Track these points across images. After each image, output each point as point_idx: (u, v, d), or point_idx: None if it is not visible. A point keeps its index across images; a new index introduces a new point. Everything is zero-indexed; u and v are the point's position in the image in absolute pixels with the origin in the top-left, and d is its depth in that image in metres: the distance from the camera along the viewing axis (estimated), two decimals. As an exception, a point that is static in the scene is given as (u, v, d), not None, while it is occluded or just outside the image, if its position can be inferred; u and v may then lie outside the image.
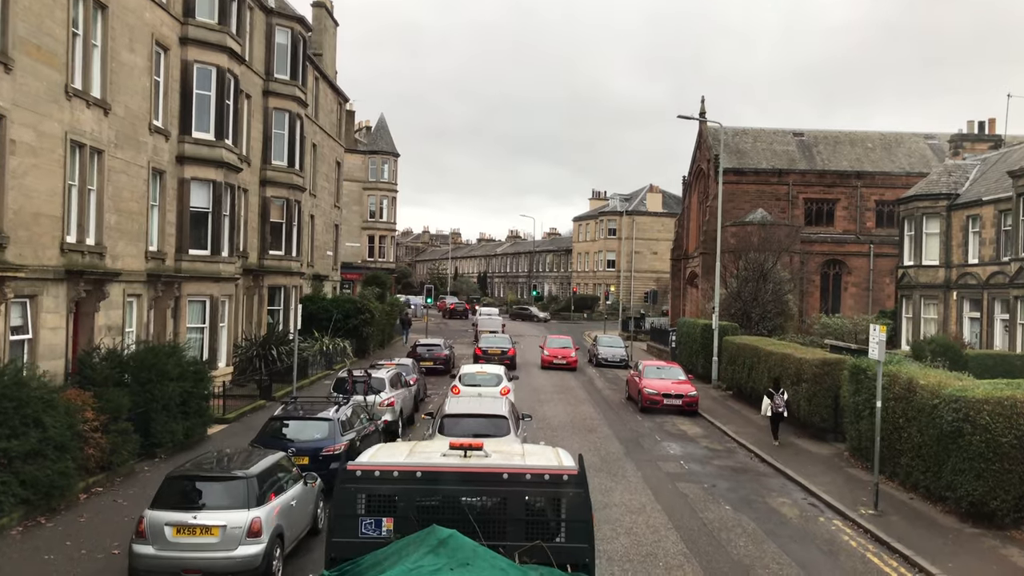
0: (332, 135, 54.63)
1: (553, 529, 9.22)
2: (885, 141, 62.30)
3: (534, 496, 9.26)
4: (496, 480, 9.29)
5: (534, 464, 9.79)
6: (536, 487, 9.26)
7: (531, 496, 9.24)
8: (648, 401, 30.95)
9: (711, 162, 59.99)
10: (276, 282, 40.55)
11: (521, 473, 9.35)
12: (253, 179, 38.66)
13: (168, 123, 29.16)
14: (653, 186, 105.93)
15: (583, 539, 9.17)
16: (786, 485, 20.51)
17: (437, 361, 40.59)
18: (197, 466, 13.09)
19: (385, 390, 23.83)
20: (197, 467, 13.03)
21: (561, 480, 9.30)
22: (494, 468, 9.50)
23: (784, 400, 25.44)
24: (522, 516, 9.17)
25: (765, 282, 45.28)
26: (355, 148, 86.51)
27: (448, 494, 9.24)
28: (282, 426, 17.88)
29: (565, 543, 9.12)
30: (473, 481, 9.31)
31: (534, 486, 9.26)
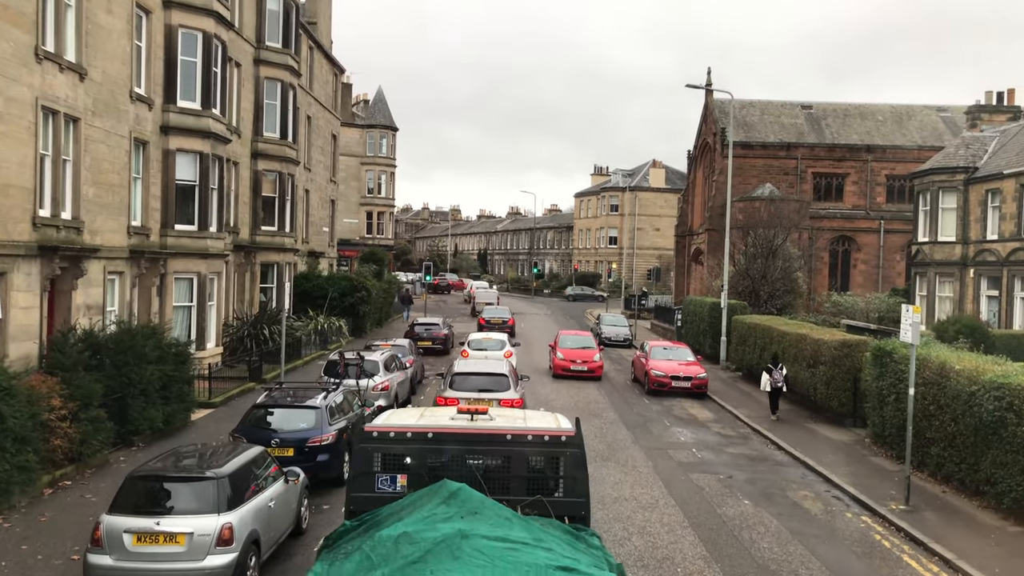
0: (327, 107, 53.04)
1: (552, 485, 9.96)
2: (896, 114, 60.64)
3: (535, 455, 9.99)
4: (500, 441, 10.01)
5: (534, 426, 10.44)
6: (536, 447, 9.99)
7: (532, 455, 9.98)
8: (655, 383, 29.63)
9: (717, 135, 58.38)
10: (269, 259, 39.16)
11: (523, 434, 10.06)
12: (244, 152, 37.18)
13: (151, 91, 27.65)
14: (656, 161, 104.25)
15: (579, 494, 9.87)
16: (806, 476, 19.20)
17: (436, 341, 39.26)
18: (163, 464, 11.70)
19: (379, 374, 22.47)
20: (162, 465, 11.64)
21: (559, 441, 10.02)
22: (498, 430, 10.19)
23: (783, 375, 25.56)
24: (524, 473, 9.90)
25: (774, 259, 43.85)
26: (352, 122, 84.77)
27: (456, 453, 9.91)
28: (265, 414, 16.54)
29: (563, 497, 9.83)
30: (479, 442, 10.04)
31: (535, 446, 9.99)
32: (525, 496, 9.63)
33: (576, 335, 37.47)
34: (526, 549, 7.43)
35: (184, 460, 11.99)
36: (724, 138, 57.00)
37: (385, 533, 7.64)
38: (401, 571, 7.02)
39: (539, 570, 7.09)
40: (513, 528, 7.84)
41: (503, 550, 7.30)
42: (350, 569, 7.42)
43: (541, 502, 9.51)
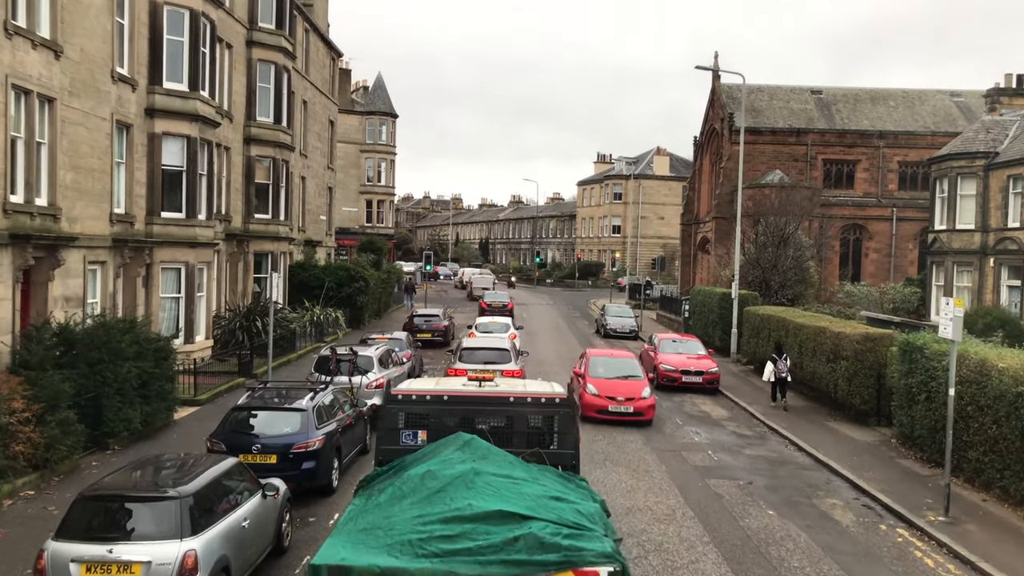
0: (324, 92, 51.57)
1: (547, 439, 11.60)
2: (908, 99, 59.09)
3: (533, 415, 11.66)
4: (504, 402, 11.73)
5: (533, 391, 12.20)
6: (535, 408, 11.68)
7: (531, 415, 11.66)
8: (665, 378, 28.27)
9: (725, 121, 56.90)
10: (263, 248, 37.80)
11: (523, 397, 11.82)
12: (236, 137, 35.80)
13: (135, 71, 26.27)
14: (660, 149, 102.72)
15: (570, 447, 11.59)
16: (832, 481, 17.84)
17: (436, 333, 37.89)
18: (119, 480, 10.31)
19: (373, 370, 21.06)
20: (119, 482, 10.25)
21: (554, 403, 11.72)
22: (502, 394, 11.94)
23: (788, 365, 25.36)
24: (524, 429, 11.59)
25: (785, 248, 42.41)
26: (352, 108, 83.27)
27: (468, 413, 11.57)
28: (247, 417, 15.17)
29: (557, 450, 11.51)
30: (487, 403, 11.72)
31: (533, 407, 11.69)
32: (525, 448, 11.27)
33: (611, 357, 26.29)
34: (525, 484, 9.47)
35: (146, 475, 10.61)
36: (732, 123, 55.54)
37: (412, 472, 9.63)
38: (426, 498, 8.99)
39: (535, 498, 9.08)
40: (515, 469, 9.87)
41: (507, 484, 9.31)
42: (384, 500, 9.32)
43: (538, 453, 11.23)
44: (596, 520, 9.19)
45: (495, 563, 8.08)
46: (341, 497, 15.27)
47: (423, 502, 8.96)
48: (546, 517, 8.70)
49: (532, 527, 8.45)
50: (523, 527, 8.44)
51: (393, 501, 9.19)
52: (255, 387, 16.57)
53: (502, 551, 8.19)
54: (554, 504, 9.11)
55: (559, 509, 9.00)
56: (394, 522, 8.69)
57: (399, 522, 8.67)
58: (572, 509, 9.13)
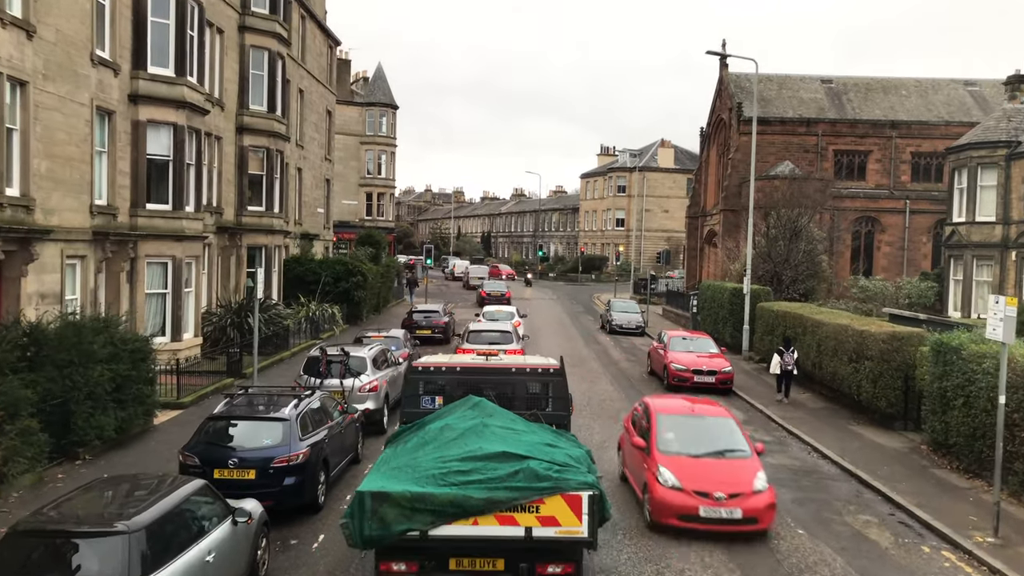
0: (321, 81, 50.14)
1: (543, 403, 13.74)
2: (921, 88, 57.57)
3: (531, 382, 13.85)
4: (508, 372, 14.01)
5: (531, 363, 14.67)
6: (533, 376, 13.92)
7: (529, 382, 13.85)
8: (676, 378, 26.88)
9: (733, 111, 55.40)
10: (256, 241, 36.44)
11: (523, 368, 14.15)
12: (228, 126, 34.42)
13: (117, 55, 24.88)
14: (664, 141, 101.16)
15: (562, 409, 13.75)
16: (862, 493, 16.44)
17: (435, 330, 36.48)
18: (59, 513, 8.82)
19: (367, 372, 19.62)
20: (58, 514, 8.77)
21: (548, 372, 13.95)
22: (506, 365, 14.33)
23: (794, 358, 25.18)
24: (524, 395, 13.74)
25: (797, 241, 40.98)
26: (351, 100, 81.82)
27: (476, 382, 13.71)
28: (225, 427, 13.78)
29: (551, 411, 13.66)
30: (493, 374, 13.99)
31: (531, 376, 13.93)
32: (525, 410, 13.31)
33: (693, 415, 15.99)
34: (525, 434, 11.49)
35: (94, 502, 9.18)
36: (740, 113, 54.08)
37: (432, 426, 11.78)
38: (445, 444, 10.97)
39: (533, 444, 10.99)
40: (516, 424, 11.90)
41: (510, 433, 11.32)
42: (409, 447, 11.35)
43: (536, 415, 13.25)
44: (581, 461, 11.12)
45: (501, 489, 10.10)
46: (329, 515, 13.91)
47: (442, 447, 11.02)
48: (541, 457, 10.64)
49: (530, 464, 10.40)
50: (523, 464, 10.39)
51: (418, 448, 11.26)
52: (234, 394, 15.15)
53: (506, 481, 10.17)
54: (547, 449, 11.10)
55: (551, 452, 10.98)
56: (420, 462, 10.67)
57: (424, 462, 10.64)
58: (562, 453, 11.08)
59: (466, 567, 10.31)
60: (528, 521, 10.08)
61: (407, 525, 9.97)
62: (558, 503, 10.10)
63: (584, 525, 10.12)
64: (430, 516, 9.97)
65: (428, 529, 9.99)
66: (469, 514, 10.01)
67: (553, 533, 10.11)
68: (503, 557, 10.27)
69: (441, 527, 10.01)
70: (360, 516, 10.03)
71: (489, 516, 10.05)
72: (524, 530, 10.09)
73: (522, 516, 10.09)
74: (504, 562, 10.28)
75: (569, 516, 10.10)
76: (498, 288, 57.80)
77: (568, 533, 10.11)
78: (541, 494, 10.10)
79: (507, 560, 10.27)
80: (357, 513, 10.06)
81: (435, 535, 10.03)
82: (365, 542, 10.12)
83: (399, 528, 9.97)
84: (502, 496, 10.04)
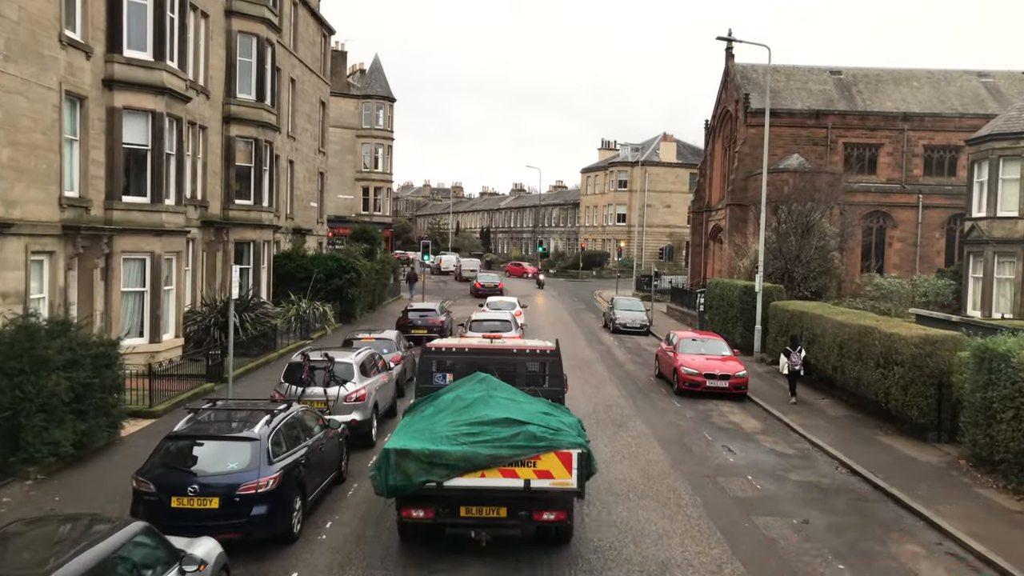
0: (315, 70, 48.42)
1: (541, 380, 16.02)
2: (933, 79, 55.87)
3: (530, 361, 16.35)
4: (509, 353, 16.44)
5: (530, 345, 17.30)
6: (531, 356, 16.44)
7: (528, 361, 16.34)
8: (686, 382, 25.24)
9: (740, 103, 53.72)
10: (244, 236, 34.75)
11: (523, 349, 16.80)
12: (214, 115, 32.73)
13: (89, 36, 23.21)
14: (667, 135, 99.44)
15: (557, 385, 15.99)
16: (903, 517, 14.78)
17: (432, 329, 34.83)
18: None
19: (353, 379, 17.88)
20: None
21: (545, 353, 16.39)
22: (508, 347, 16.88)
23: (802, 357, 24.54)
24: (524, 372, 16.07)
25: (809, 237, 39.34)
26: (347, 92, 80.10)
27: (482, 361, 15.81)
28: (186, 447, 12.11)
29: (548, 387, 15.84)
30: (497, 354, 16.31)
31: (530, 356, 16.47)
32: (525, 386, 14.72)
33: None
34: (525, 404, 13.16)
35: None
36: (748, 105, 52.40)
37: (444, 398, 13.53)
38: (456, 412, 12.70)
39: (531, 412, 12.61)
40: (517, 396, 13.64)
41: (512, 403, 13.02)
42: (426, 415, 13.07)
43: (534, 390, 14.87)
44: (573, 427, 12.58)
45: (504, 447, 11.58)
46: (306, 547, 12.26)
47: (454, 414, 12.48)
48: (538, 423, 12.05)
49: (528, 427, 11.84)
50: (522, 428, 11.83)
51: (433, 415, 12.75)
52: (199, 408, 13.45)
53: (508, 441, 11.66)
54: (544, 416, 12.50)
55: (547, 419, 12.38)
56: (435, 426, 12.16)
57: (439, 426, 12.11)
58: (556, 420, 12.59)
59: (474, 514, 11.89)
60: (527, 474, 11.65)
61: (425, 477, 11.49)
62: (552, 459, 11.68)
63: (574, 478, 11.70)
64: (444, 470, 11.51)
65: (443, 480, 11.53)
66: (477, 468, 11.56)
67: (548, 485, 11.69)
68: (505, 505, 11.88)
69: (454, 479, 11.56)
70: (386, 469, 11.57)
71: (494, 470, 11.60)
72: (523, 482, 11.66)
73: (522, 470, 11.64)
74: (506, 510, 11.89)
75: (561, 470, 11.67)
76: (491, 280, 63.35)
77: (560, 485, 11.71)
78: (538, 451, 11.65)
79: (509, 508, 11.88)
80: (383, 467, 11.64)
81: (449, 486, 11.58)
82: (390, 491, 11.68)
83: (419, 479, 11.50)
84: (505, 453, 11.61)
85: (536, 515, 11.91)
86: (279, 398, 17.05)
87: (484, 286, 60.28)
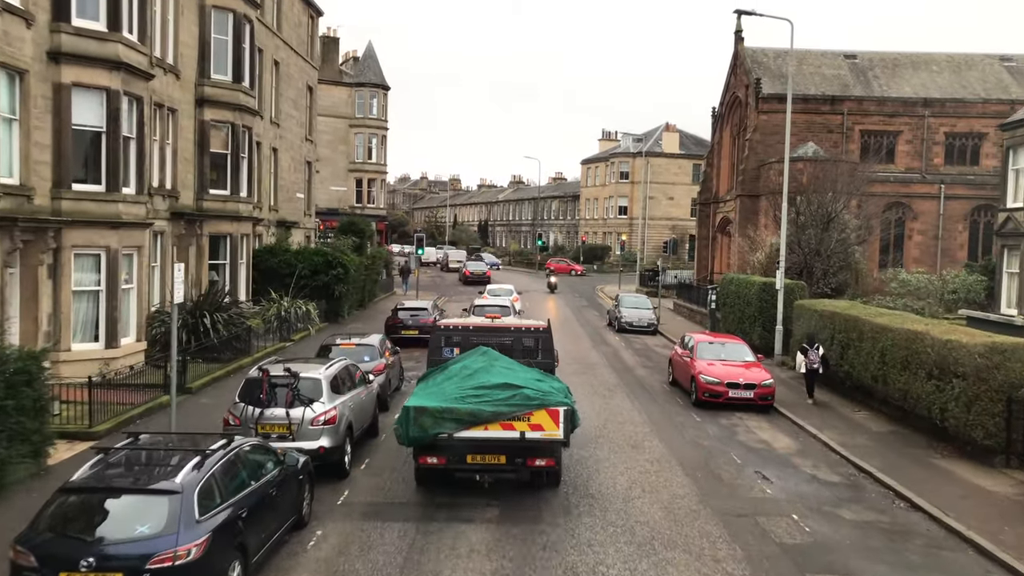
0: (301, 53, 45.55)
1: (535, 353, 17.68)
2: (953, 64, 53.05)
3: (526, 337, 18.00)
4: (508, 331, 18.27)
5: (525, 323, 19.45)
6: (527, 333, 18.14)
7: (524, 337, 18.00)
8: (706, 392, 22.50)
9: (751, 88, 50.90)
10: (220, 229, 32.01)
11: (520, 327, 18.61)
12: (185, 96, 29.96)
13: (31, 2, 20.43)
14: (669, 124, 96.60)
15: (549, 359, 17.71)
16: (992, 572, 12.05)
17: (424, 330, 32.07)
18: None
19: (322, 398, 15.03)
20: None
21: (539, 330, 18.19)
22: (507, 325, 18.99)
23: (819, 355, 23.36)
24: (520, 347, 17.69)
25: (829, 230, 36.61)
26: (340, 80, 77.25)
27: (485, 337, 17.63)
28: (85, 503, 9.34)
29: (541, 360, 17.46)
30: (497, 332, 18.21)
31: (526, 333, 18.15)
32: (521, 359, 16.87)
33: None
34: (521, 371, 15.31)
35: None
36: (759, 90, 49.61)
37: (452, 367, 15.69)
38: (463, 378, 14.74)
39: (526, 379, 14.65)
40: (514, 366, 15.69)
41: (510, 372, 15.01)
42: (438, 381, 15.19)
43: (529, 362, 16.89)
44: (560, 391, 14.85)
45: (503, 406, 13.84)
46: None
47: (461, 380, 14.75)
48: (531, 387, 14.34)
49: (523, 390, 14.14)
50: (519, 390, 14.12)
51: (443, 381, 15.06)
52: (109, 448, 10.60)
53: (506, 401, 13.93)
54: (536, 382, 14.78)
55: (539, 384, 14.66)
56: (446, 390, 14.50)
57: (448, 390, 14.45)
58: (547, 385, 14.84)
59: (478, 461, 13.94)
60: (522, 427, 13.69)
61: (439, 429, 13.56)
62: (543, 415, 13.74)
63: (560, 430, 13.79)
64: (454, 424, 13.59)
65: (453, 432, 13.60)
66: (481, 422, 13.64)
67: (539, 436, 13.74)
68: (504, 453, 13.90)
69: (462, 431, 13.63)
70: (407, 424, 13.66)
71: (495, 424, 13.67)
72: (519, 434, 13.71)
73: (518, 424, 13.69)
74: (505, 457, 13.93)
75: (551, 424, 13.73)
76: (479, 268, 69.49)
77: (550, 436, 13.78)
78: (531, 409, 13.74)
79: (507, 455, 13.92)
80: (404, 421, 13.72)
81: (458, 436, 13.63)
82: (410, 441, 13.79)
83: (433, 431, 13.57)
84: (504, 410, 13.70)
85: (530, 461, 14.05)
86: (233, 423, 14.28)
87: (473, 272, 67.82)
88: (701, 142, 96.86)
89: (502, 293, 41.16)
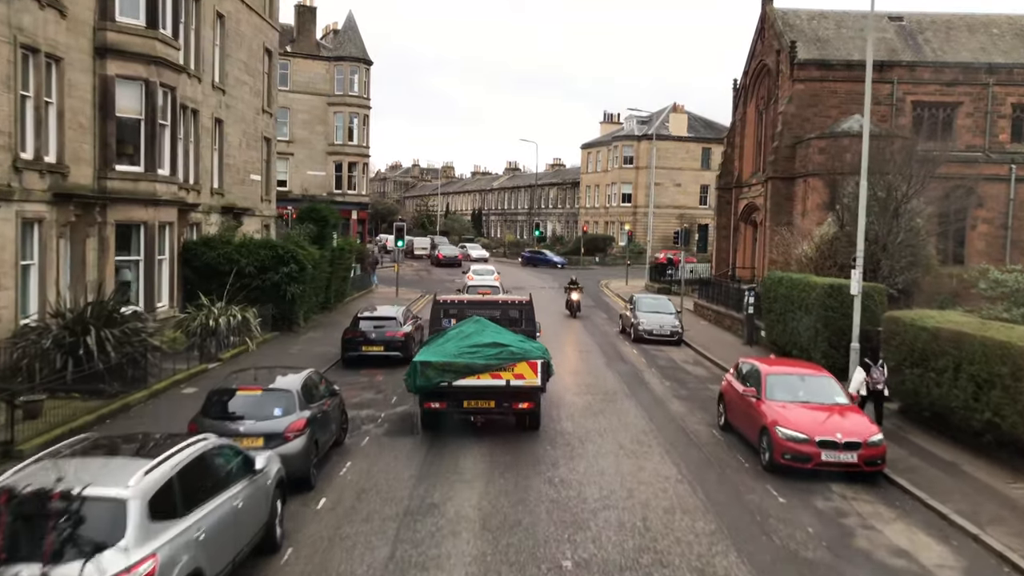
0: (255, 9, 38.19)
1: (520, 323, 21.13)
2: (1016, 26, 45.83)
3: (512, 309, 21.72)
4: (497, 304, 22.29)
5: (512, 297, 23.39)
6: (512, 306, 21.89)
7: (510, 309, 21.72)
8: (787, 454, 15.33)
9: (783, 53, 43.72)
10: (131, 216, 24.96)
11: (507, 300, 22.82)
12: (77, 43, 22.90)
13: None
14: (677, 105, 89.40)
15: (531, 326, 21.09)
16: None
17: (391, 346, 25.04)
18: None
19: (127, 532, 7.71)
20: None
21: (523, 303, 21.96)
22: (496, 299, 23.89)
23: (884, 374, 18.77)
24: (507, 317, 21.13)
25: (897, 219, 29.56)
26: (317, 54, 69.93)
27: (477, 310, 21.10)
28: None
29: (524, 328, 20.78)
30: (487, 305, 22.21)
31: (512, 306, 21.91)
32: (508, 326, 19.89)
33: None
34: (507, 335, 18.24)
35: None
36: (794, 55, 42.43)
37: (451, 332, 18.64)
38: (459, 340, 17.73)
39: (511, 339, 17.83)
40: (501, 331, 18.54)
41: (498, 334, 18.00)
42: (439, 343, 18.14)
43: (515, 328, 20.04)
44: (539, 349, 18.00)
45: (492, 359, 17.04)
46: None
47: (458, 341, 17.65)
48: (515, 345, 17.46)
49: (509, 348, 17.31)
50: (504, 348, 17.29)
51: (443, 342, 17.96)
52: None
53: (495, 355, 17.12)
54: (520, 343, 17.75)
55: (522, 344, 17.72)
56: (445, 348, 17.51)
57: (448, 348, 17.45)
58: (530, 345, 17.96)
59: (473, 405, 17.51)
60: (508, 377, 17.22)
61: (440, 379, 17.02)
62: (524, 367, 17.24)
63: (538, 378, 17.36)
64: (453, 375, 17.02)
65: (452, 381, 17.07)
66: (474, 373, 17.08)
67: (521, 383, 17.30)
68: (493, 399, 17.49)
69: (459, 381, 17.07)
70: (414, 375, 17.13)
71: (486, 375, 17.12)
72: (505, 382, 17.25)
73: (504, 374, 17.19)
74: (494, 402, 17.52)
75: (531, 374, 17.26)
76: (451, 252, 78.12)
77: (530, 383, 17.36)
78: (515, 362, 17.21)
79: (496, 400, 17.50)
80: (412, 373, 17.22)
81: (456, 385, 17.11)
82: (417, 389, 17.29)
83: (436, 380, 17.02)
84: (493, 363, 17.11)
85: (514, 405, 17.62)
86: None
87: (446, 256, 76.72)
88: (710, 125, 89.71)
89: (484, 272, 50.36)
